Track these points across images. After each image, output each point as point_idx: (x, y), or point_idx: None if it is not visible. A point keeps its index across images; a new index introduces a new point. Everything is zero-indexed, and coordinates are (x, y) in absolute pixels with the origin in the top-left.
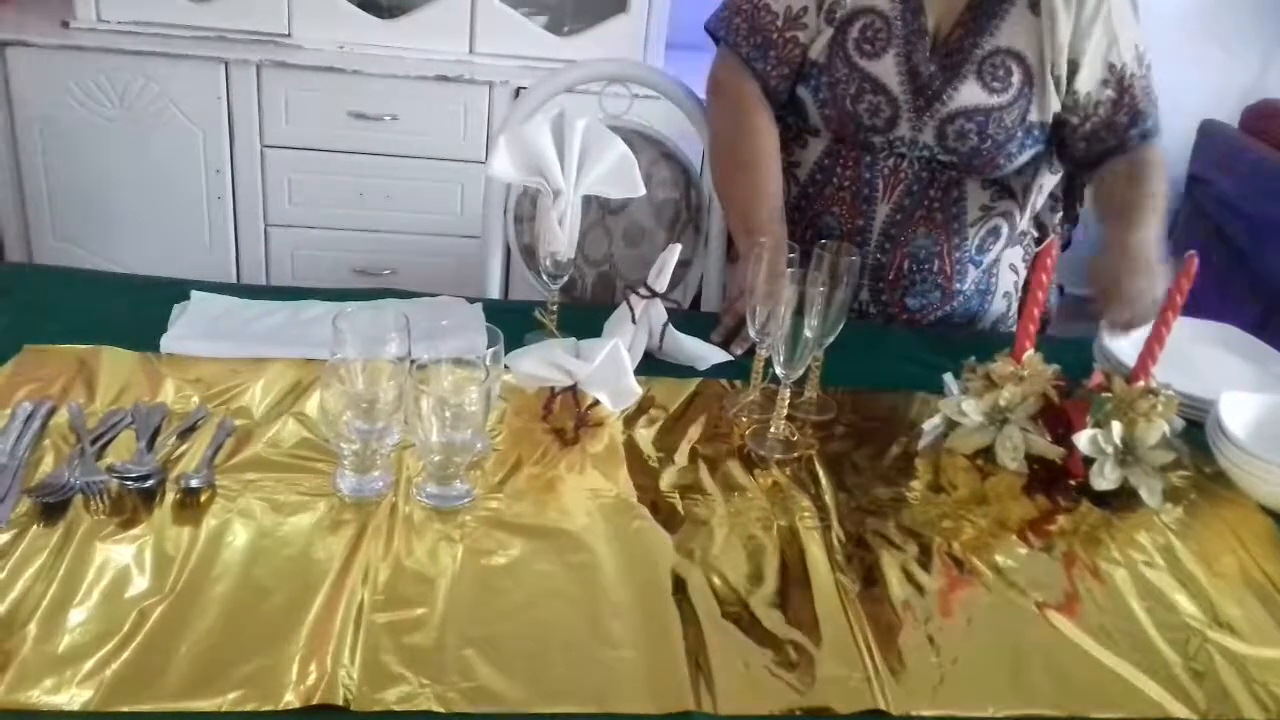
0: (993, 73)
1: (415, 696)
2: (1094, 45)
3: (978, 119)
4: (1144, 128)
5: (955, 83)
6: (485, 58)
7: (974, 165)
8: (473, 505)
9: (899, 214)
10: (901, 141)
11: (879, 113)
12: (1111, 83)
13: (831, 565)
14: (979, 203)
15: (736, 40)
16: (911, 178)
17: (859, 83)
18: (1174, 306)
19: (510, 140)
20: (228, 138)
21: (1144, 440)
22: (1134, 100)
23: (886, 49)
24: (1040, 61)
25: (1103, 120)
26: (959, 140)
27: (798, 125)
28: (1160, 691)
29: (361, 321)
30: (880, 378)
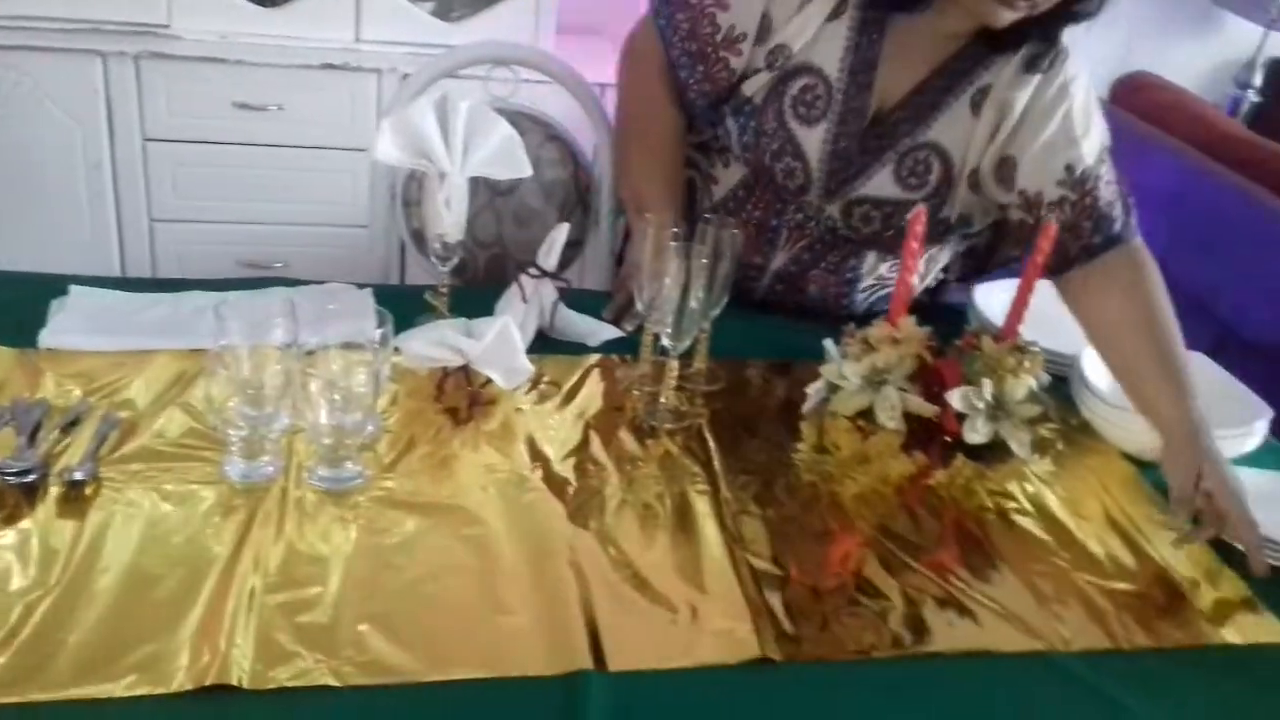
0: (911, 168)
1: (310, 672)
2: (1044, 144)
3: (885, 208)
4: (1109, 233)
5: (871, 170)
6: (372, 45)
7: (873, 245)
8: (366, 486)
9: (794, 265)
10: (810, 206)
11: (793, 177)
12: (1069, 183)
13: (720, 526)
14: (876, 273)
15: (672, 38)
16: (815, 236)
17: (783, 143)
18: (1035, 268)
19: (394, 124)
20: (107, 132)
21: (1012, 395)
22: (1097, 204)
23: (821, 120)
24: (962, 162)
25: (1064, 224)
26: (862, 222)
27: (725, 143)
28: (1027, 626)
29: (246, 308)
30: (765, 347)
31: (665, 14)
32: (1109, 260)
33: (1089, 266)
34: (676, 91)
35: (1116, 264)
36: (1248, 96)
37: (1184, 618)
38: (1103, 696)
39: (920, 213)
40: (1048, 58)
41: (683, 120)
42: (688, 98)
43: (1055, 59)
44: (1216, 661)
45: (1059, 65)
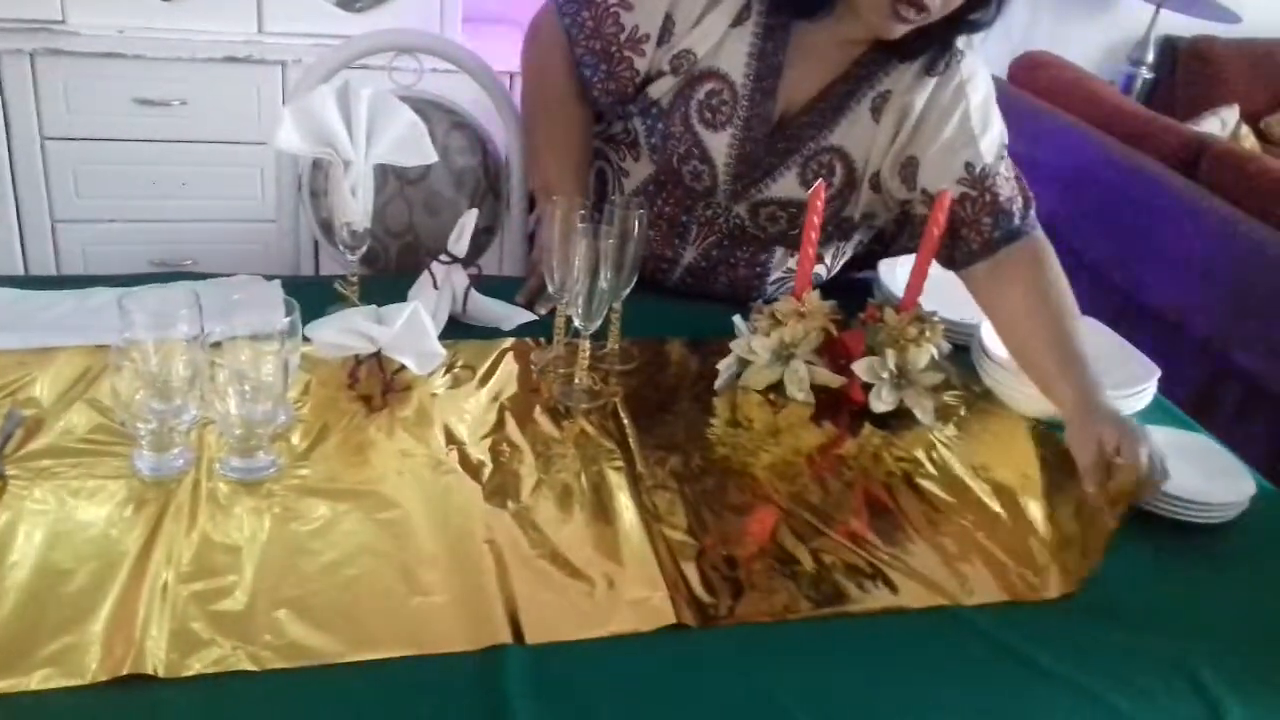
0: (816, 170)
1: (227, 658)
2: (944, 143)
3: (790, 209)
4: (1008, 227)
5: (776, 173)
6: (275, 37)
7: (781, 243)
8: (279, 475)
9: (704, 261)
10: (718, 206)
11: (700, 179)
12: (969, 181)
13: (636, 501)
14: (783, 266)
15: (577, 36)
16: (724, 233)
17: (689, 146)
18: (931, 239)
19: (295, 112)
20: (3, 131)
21: (915, 364)
22: (996, 199)
23: (727, 125)
24: (865, 164)
25: (964, 219)
26: (769, 222)
27: (635, 137)
28: (932, 583)
29: (150, 301)
30: (677, 326)
31: (570, 12)
32: (1010, 253)
33: (991, 260)
34: (582, 86)
35: (1017, 256)
36: (1141, 73)
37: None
38: (1007, 648)
39: (819, 188)
40: (944, 59)
41: (589, 111)
42: (592, 94)
43: (951, 60)
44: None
45: (955, 66)
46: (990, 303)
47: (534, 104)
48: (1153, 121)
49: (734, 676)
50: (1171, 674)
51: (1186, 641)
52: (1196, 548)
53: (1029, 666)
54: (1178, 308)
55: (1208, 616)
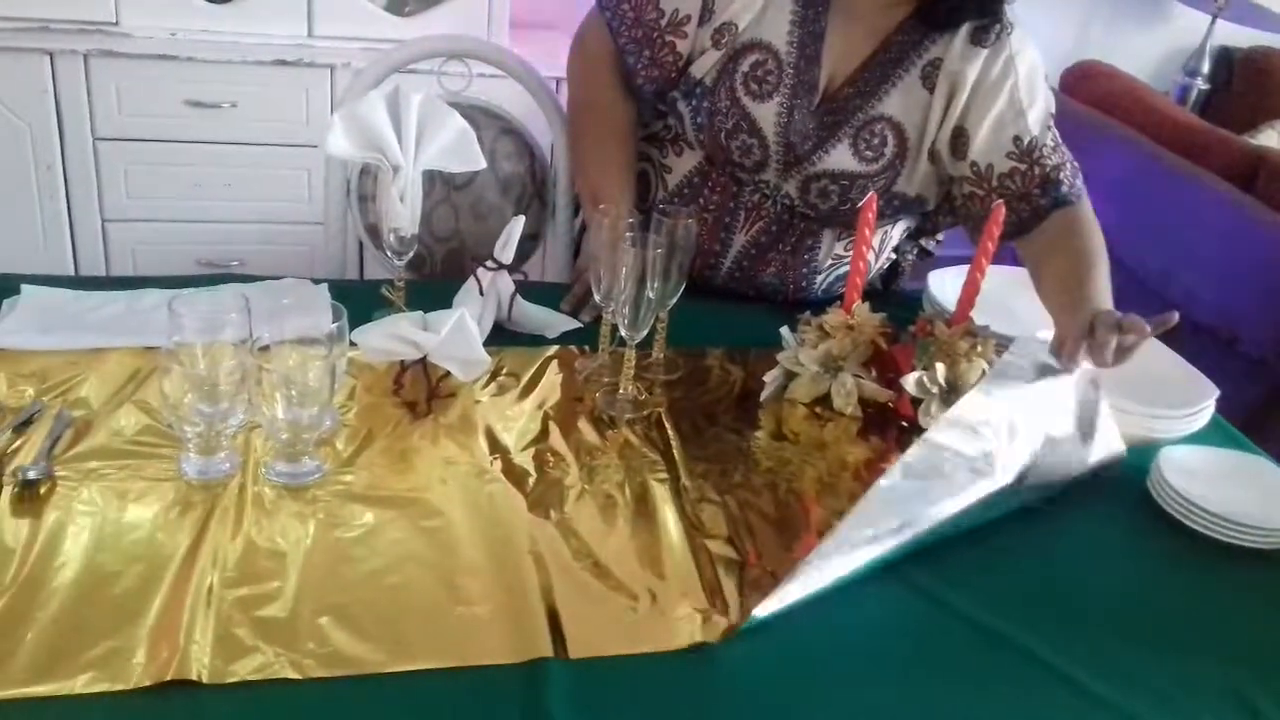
0: (868, 140)
1: (270, 666)
2: (994, 117)
3: (841, 182)
4: (1057, 194)
5: (829, 144)
6: (325, 40)
7: (830, 222)
8: (324, 481)
9: (754, 249)
10: (766, 185)
11: (749, 154)
12: (1017, 155)
13: (680, 513)
14: (833, 252)
15: (619, 27)
16: (772, 218)
17: (737, 120)
18: (986, 253)
19: (346, 117)
20: (57, 132)
21: (966, 379)
22: (1045, 171)
23: (774, 94)
24: (919, 135)
25: (1014, 193)
26: (820, 198)
27: (675, 129)
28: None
29: (200, 305)
30: (722, 336)
31: (610, 6)
32: (1056, 220)
33: (1041, 227)
34: (626, 80)
35: (1063, 224)
36: (1196, 85)
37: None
38: (1056, 671)
39: (871, 198)
40: (993, 31)
41: (634, 111)
42: (636, 83)
43: (1000, 33)
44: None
45: (1004, 39)
46: (1035, 268)
47: (580, 111)
48: (1208, 133)
49: (779, 695)
50: (1222, 700)
51: (1238, 667)
52: (1251, 571)
53: (1078, 690)
54: (1232, 325)
55: (1261, 642)
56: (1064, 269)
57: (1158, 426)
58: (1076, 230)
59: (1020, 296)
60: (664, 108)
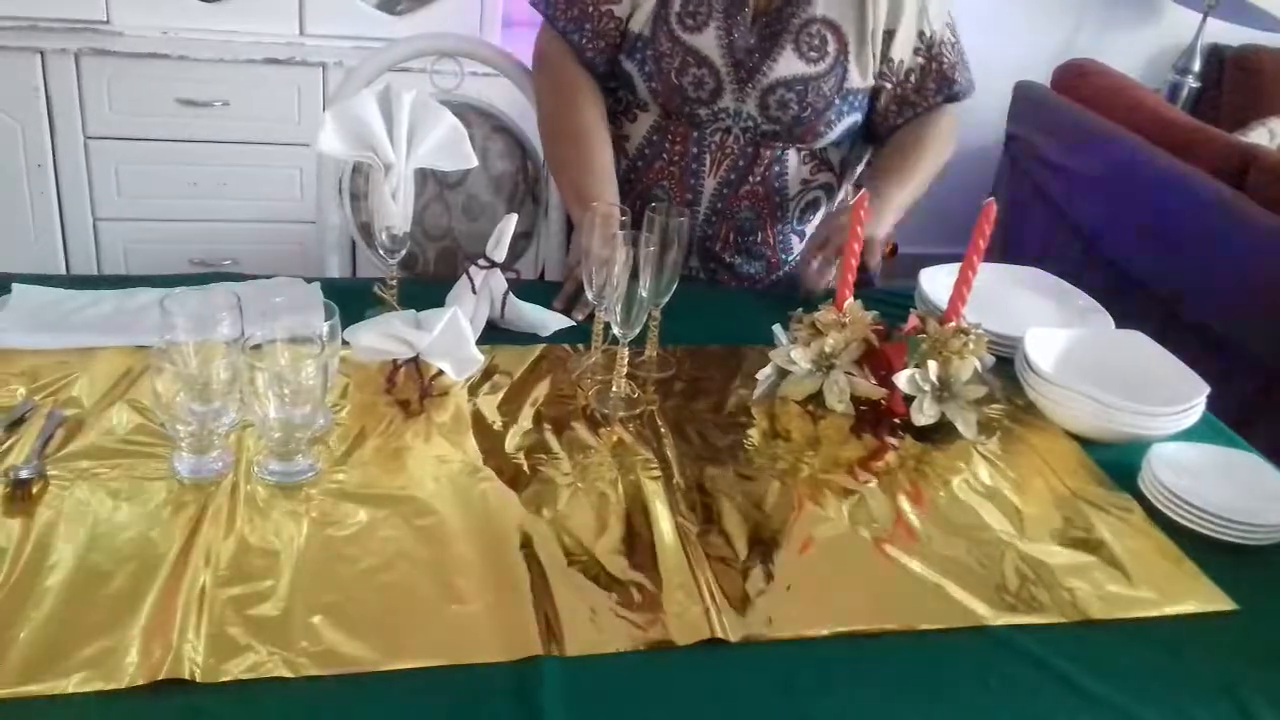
0: (809, 42)
1: (263, 664)
2: (908, 13)
3: (797, 88)
4: (950, 92)
5: (774, 54)
6: (317, 39)
7: (796, 134)
8: (317, 479)
9: (725, 188)
10: (726, 113)
11: (703, 85)
12: (922, 50)
13: (673, 510)
14: (800, 177)
15: (554, 13)
16: (737, 153)
17: (682, 56)
18: (977, 250)
19: (337, 115)
20: (48, 130)
21: (958, 376)
22: (941, 66)
23: (708, 23)
24: (859, 31)
25: (914, 86)
26: (780, 109)
27: (627, 99)
28: (977, 602)
29: (191, 303)
30: (715, 334)
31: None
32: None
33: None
34: (579, 62)
35: (928, 120)
36: (1187, 82)
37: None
38: (1053, 670)
39: (862, 197)
40: None
41: (598, 97)
42: (586, 58)
43: None
44: (1155, 631)
45: None
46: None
47: (547, 110)
48: (1199, 131)
49: (773, 693)
50: (1218, 699)
51: (1231, 663)
52: (1245, 567)
53: (1075, 690)
54: (1224, 321)
55: (1257, 641)
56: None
57: (1149, 424)
58: (934, 128)
59: (1012, 294)
60: (615, 83)
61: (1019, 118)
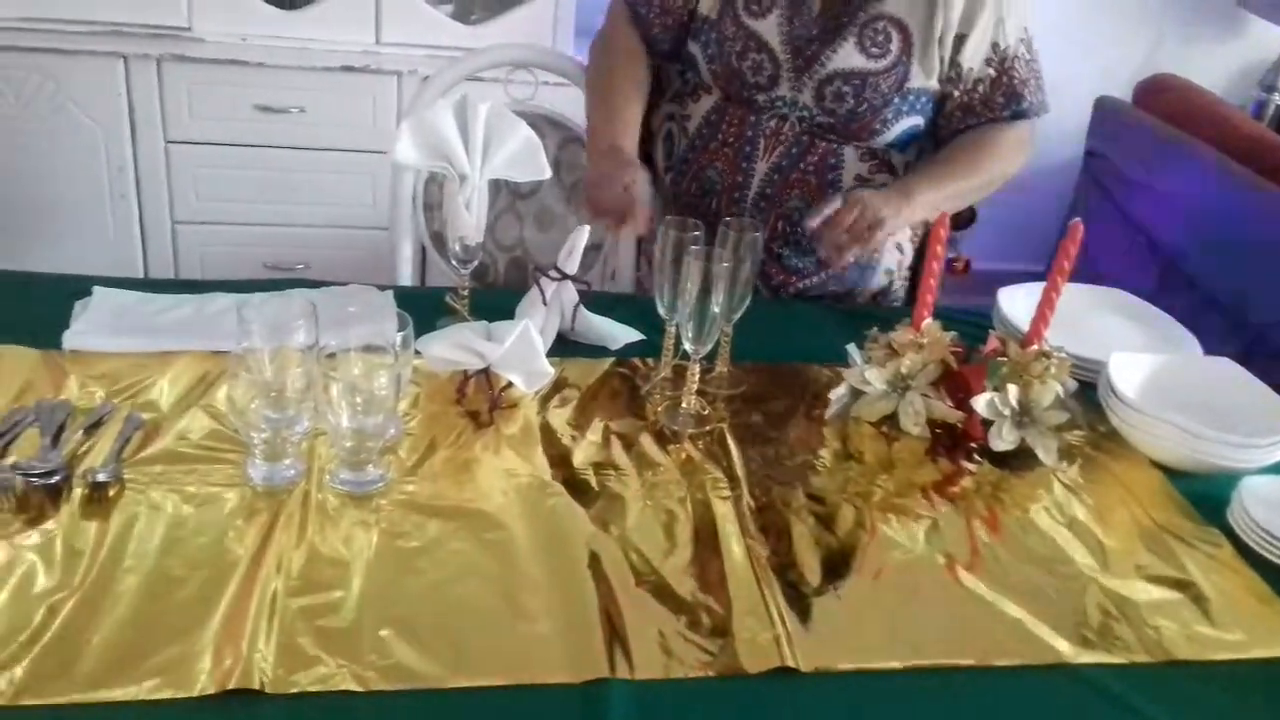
0: (872, 38)
1: (332, 677)
2: (983, 22)
3: (854, 82)
4: (1017, 108)
5: (834, 45)
6: (392, 48)
7: (851, 129)
8: (387, 489)
9: (776, 174)
10: (783, 101)
11: (761, 70)
12: (994, 61)
13: (743, 532)
14: (855, 173)
15: None
16: (791, 140)
17: (744, 41)
18: (1062, 272)
19: (413, 126)
20: (129, 134)
21: (1039, 402)
22: (1012, 81)
23: (772, 9)
24: (925, 31)
25: (980, 97)
26: (836, 102)
27: (693, 80)
28: (1056, 638)
29: (268, 311)
30: (787, 351)
31: None
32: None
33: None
34: (639, 37)
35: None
36: (1272, 99)
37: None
38: (1134, 711)
39: (943, 217)
40: None
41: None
42: (653, 34)
43: None
44: (1244, 675)
45: None
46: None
47: (593, 69)
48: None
49: None
50: None
51: None
52: None
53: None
54: None
55: None
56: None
57: (1239, 455)
58: (993, 140)
59: (1095, 316)
60: (681, 66)
61: (1099, 133)
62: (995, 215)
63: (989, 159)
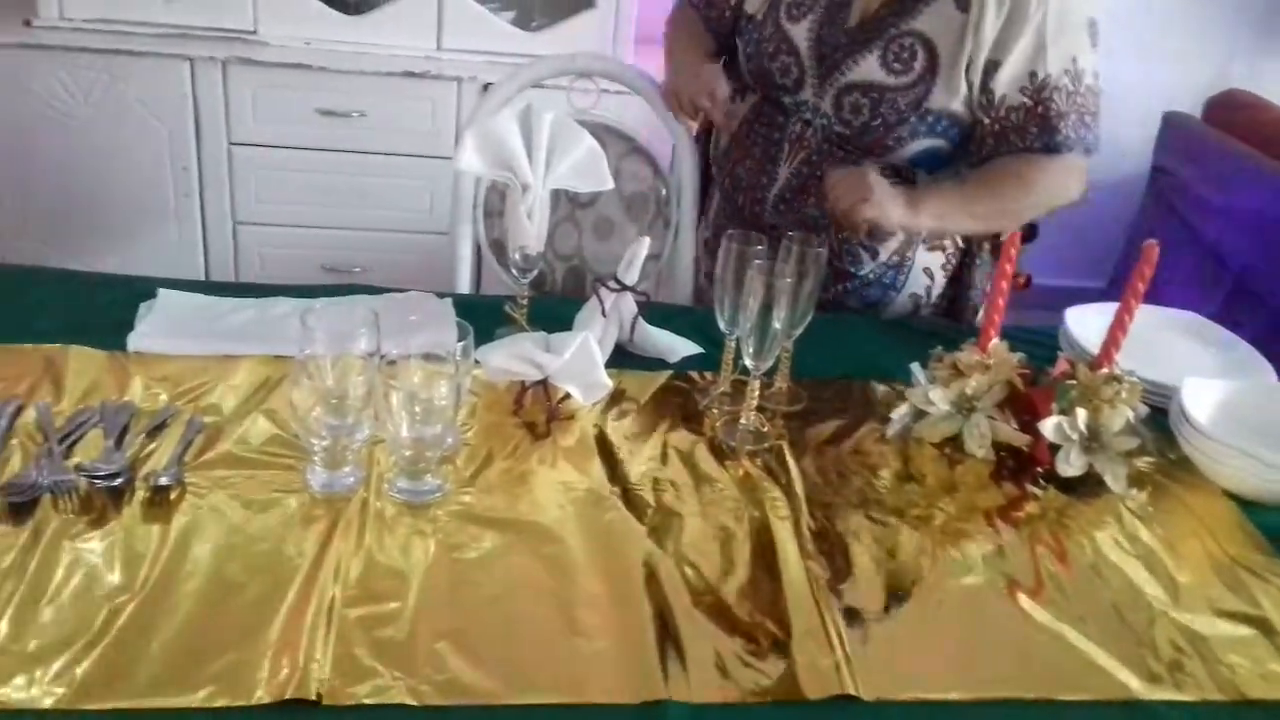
0: (897, 54)
1: (387, 689)
2: (1019, 50)
3: (871, 95)
4: (1050, 140)
5: (857, 56)
6: (452, 54)
7: (865, 142)
8: (444, 500)
9: (796, 179)
10: (806, 106)
11: (788, 73)
12: (1030, 91)
13: (801, 554)
14: None
15: None
16: (814, 147)
17: (778, 43)
18: (1135, 294)
19: (478, 134)
20: (194, 135)
21: (1109, 427)
22: (1048, 112)
23: (808, 14)
24: (953, 54)
25: (1014, 125)
26: (853, 113)
27: (742, 80)
28: (1125, 673)
29: (330, 317)
30: (849, 368)
31: None
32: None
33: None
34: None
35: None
36: None
37: None
38: None
39: (1014, 236)
40: None
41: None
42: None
43: None
44: None
45: None
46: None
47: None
48: None
49: None
50: None
51: None
52: None
53: None
54: None
55: None
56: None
57: None
58: (1023, 169)
59: (1166, 339)
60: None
61: (1167, 150)
62: (1056, 231)
63: (1014, 188)
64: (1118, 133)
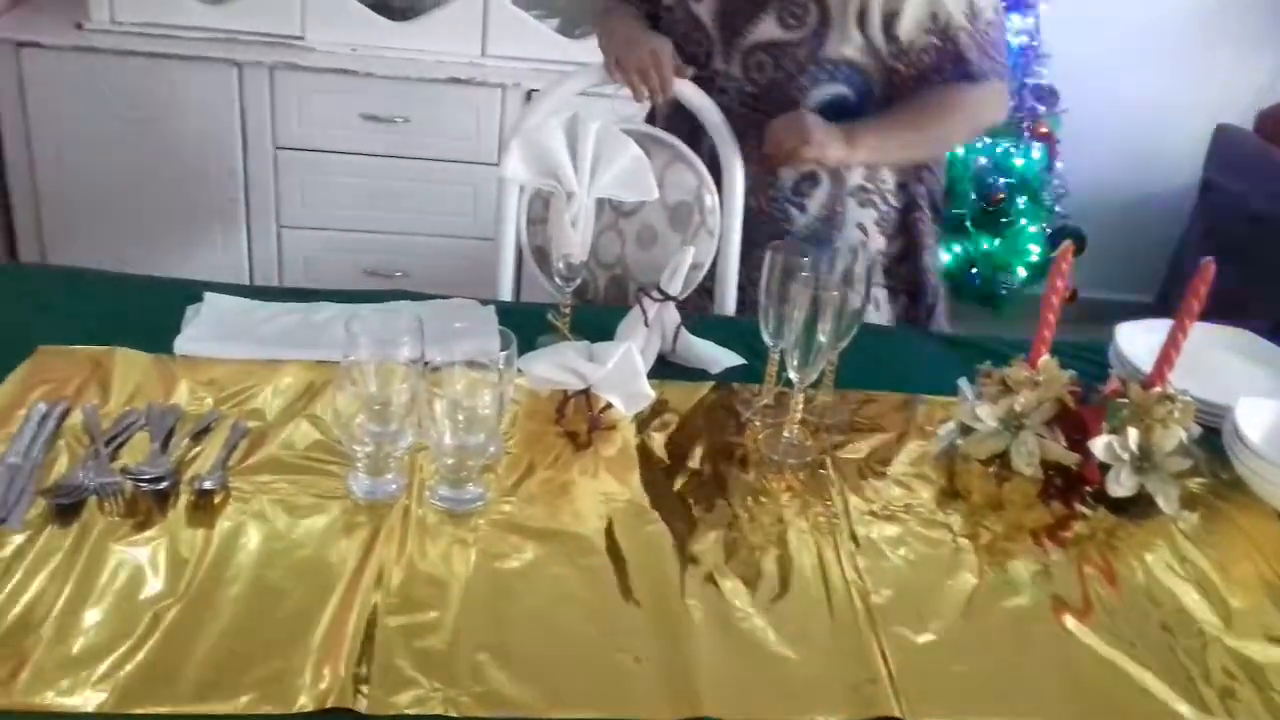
0: (790, 10)
1: (428, 700)
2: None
3: (773, 52)
4: (966, 72)
5: (756, 19)
6: (497, 60)
7: (774, 97)
8: (486, 508)
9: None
10: (720, 75)
11: (700, 46)
12: (935, 31)
13: (844, 570)
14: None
15: None
16: (736, 117)
17: (686, 23)
18: (1190, 313)
19: (524, 142)
20: (240, 139)
21: (1161, 447)
22: (958, 48)
23: None
24: (842, 4)
25: (930, 64)
26: (758, 72)
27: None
28: (1175, 698)
29: (374, 323)
30: (894, 382)
31: None
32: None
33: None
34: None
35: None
36: None
37: None
38: None
39: (1066, 250)
40: None
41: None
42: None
43: None
44: None
45: None
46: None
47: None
48: None
49: None
50: None
51: None
52: None
53: None
54: None
55: None
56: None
57: None
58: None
59: (1219, 357)
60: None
61: (1218, 163)
62: (1102, 243)
63: (941, 113)
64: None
